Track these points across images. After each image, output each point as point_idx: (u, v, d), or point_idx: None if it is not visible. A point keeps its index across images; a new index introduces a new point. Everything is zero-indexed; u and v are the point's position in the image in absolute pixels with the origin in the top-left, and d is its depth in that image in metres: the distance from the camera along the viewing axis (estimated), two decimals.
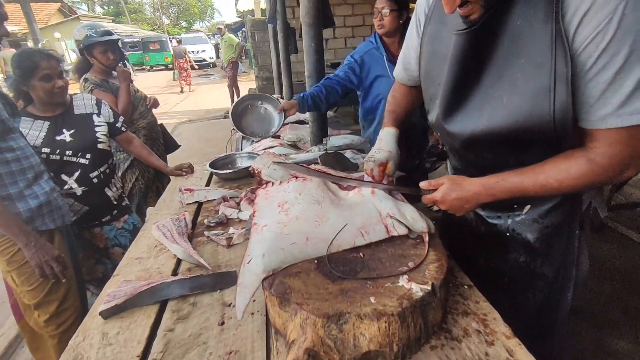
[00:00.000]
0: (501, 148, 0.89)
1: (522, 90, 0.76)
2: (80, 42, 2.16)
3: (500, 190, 0.84)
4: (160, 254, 1.18)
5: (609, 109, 0.68)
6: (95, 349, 0.82)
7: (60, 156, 1.56)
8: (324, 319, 0.68)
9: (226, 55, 8.36)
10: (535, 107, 0.76)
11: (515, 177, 0.82)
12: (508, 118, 0.80)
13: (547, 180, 0.78)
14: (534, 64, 0.74)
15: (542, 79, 0.73)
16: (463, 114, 0.90)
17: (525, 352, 0.70)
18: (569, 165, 0.76)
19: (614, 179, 0.75)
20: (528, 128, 0.79)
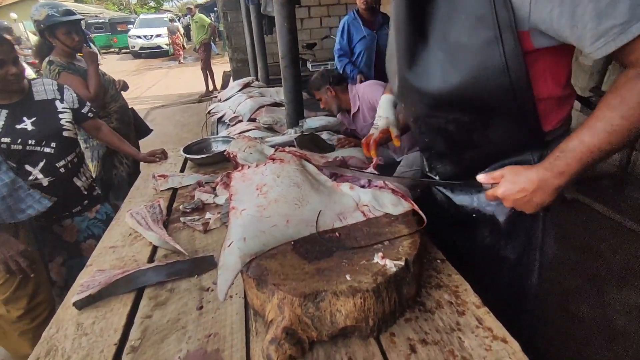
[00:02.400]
0: (462, 116, 0.85)
1: (469, 47, 0.74)
2: (40, 23, 2.03)
3: (568, 163, 0.70)
4: (135, 242, 1.16)
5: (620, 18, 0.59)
6: (70, 339, 0.80)
7: (22, 146, 1.48)
8: (301, 298, 0.69)
9: (197, 36, 8.04)
10: (486, 61, 0.73)
11: (573, 141, 0.70)
12: (462, 77, 0.77)
13: (611, 122, 0.65)
14: (475, 17, 0.72)
15: (487, 31, 0.70)
16: (417, 79, 0.86)
17: (493, 319, 0.74)
18: (621, 94, 0.64)
19: None
20: (484, 85, 0.75)
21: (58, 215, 1.64)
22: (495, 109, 0.80)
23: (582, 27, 0.63)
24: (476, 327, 0.72)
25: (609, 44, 0.62)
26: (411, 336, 0.72)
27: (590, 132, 0.67)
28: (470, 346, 0.68)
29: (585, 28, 0.62)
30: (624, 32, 0.59)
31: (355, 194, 0.99)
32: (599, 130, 0.66)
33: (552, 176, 0.71)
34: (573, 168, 0.70)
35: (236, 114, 2.68)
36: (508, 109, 0.78)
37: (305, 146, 1.62)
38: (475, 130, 0.86)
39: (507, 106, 0.78)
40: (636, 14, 0.58)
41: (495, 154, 0.89)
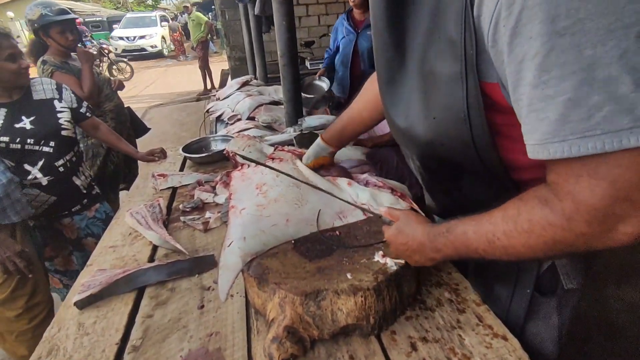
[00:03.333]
0: (429, 162, 0.74)
1: (438, 76, 0.58)
2: (34, 22, 2.02)
3: (445, 245, 0.62)
4: (135, 242, 1.15)
5: (545, 126, 0.43)
6: (72, 339, 0.80)
7: (21, 145, 1.48)
8: (302, 296, 0.69)
9: (194, 35, 8.03)
10: (449, 101, 0.57)
11: (461, 226, 0.59)
12: (427, 113, 0.63)
13: (494, 232, 0.53)
14: (448, 41, 0.54)
15: (455, 64, 0.54)
16: (390, 103, 0.75)
17: (494, 317, 0.74)
18: (519, 210, 0.50)
19: (594, 242, 0.45)
20: (446, 131, 0.61)
21: (57, 214, 1.64)
22: (461, 164, 0.65)
23: (519, 108, 0.47)
24: (476, 325, 0.73)
25: (530, 148, 0.47)
26: (412, 334, 0.73)
27: (475, 229, 0.56)
28: (470, 344, 0.69)
29: (522, 111, 0.47)
30: (542, 145, 0.44)
31: (354, 191, 1.00)
32: (483, 233, 0.55)
33: (429, 248, 0.65)
34: (448, 252, 0.62)
35: (235, 113, 2.67)
36: (475, 168, 0.63)
37: (305, 145, 1.61)
38: (445, 180, 0.75)
39: (473, 165, 0.63)
40: (561, 130, 0.42)
41: (470, 205, 0.65)
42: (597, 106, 0.39)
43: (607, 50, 0.37)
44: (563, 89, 0.40)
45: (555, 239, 0.47)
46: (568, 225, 0.45)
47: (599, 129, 0.39)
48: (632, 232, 0.42)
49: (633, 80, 0.37)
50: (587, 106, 0.39)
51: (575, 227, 0.44)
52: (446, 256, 0.64)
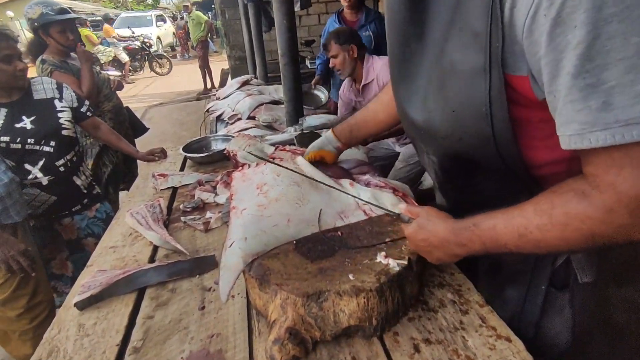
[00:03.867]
0: (443, 159, 0.73)
1: (459, 69, 0.58)
2: (34, 21, 2.01)
3: (470, 239, 0.60)
4: (135, 242, 1.15)
5: (585, 115, 0.43)
6: (72, 340, 0.80)
7: (21, 145, 1.47)
8: (303, 298, 0.69)
9: (194, 34, 8.02)
10: (470, 93, 0.56)
11: (489, 220, 0.58)
12: (444, 107, 0.62)
13: (527, 225, 0.52)
14: (471, 33, 0.54)
15: (478, 56, 0.53)
16: (404, 96, 0.74)
17: (497, 318, 0.74)
18: (553, 203, 0.50)
19: (635, 233, 0.45)
20: (465, 125, 0.60)
21: (58, 214, 1.64)
22: (478, 160, 0.64)
23: (555, 100, 0.47)
24: (480, 326, 0.72)
25: (566, 139, 0.46)
26: (415, 335, 0.72)
27: (505, 223, 0.56)
28: (474, 345, 0.68)
29: (557, 103, 0.46)
30: (581, 135, 0.44)
31: (355, 191, 0.99)
32: (514, 227, 0.54)
33: (454, 242, 0.63)
34: (475, 247, 0.61)
35: (235, 112, 2.67)
36: (492, 165, 0.62)
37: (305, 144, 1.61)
38: (460, 176, 0.74)
39: (491, 161, 0.62)
40: (604, 118, 0.41)
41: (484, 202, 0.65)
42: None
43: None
44: (607, 76, 0.40)
45: (594, 231, 0.46)
46: (609, 218, 0.44)
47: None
48: None
49: None
50: (633, 93, 0.39)
51: (617, 219, 0.44)
52: (471, 251, 0.62)
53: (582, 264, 0.72)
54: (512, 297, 0.78)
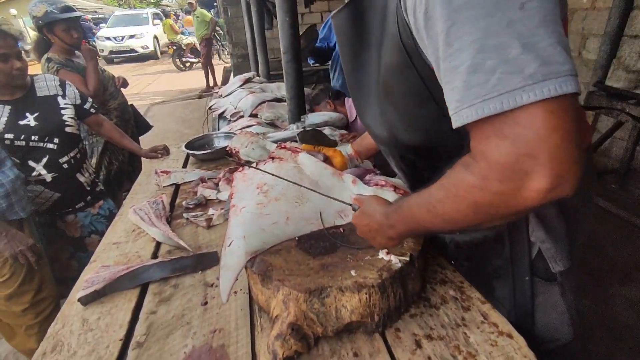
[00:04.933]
0: (407, 152, 0.79)
1: (392, 69, 0.64)
2: (39, 19, 2.01)
3: (397, 220, 0.64)
4: (138, 238, 1.16)
5: (455, 95, 0.47)
6: (76, 335, 0.80)
7: (25, 142, 1.48)
8: (306, 293, 0.69)
9: (199, 32, 8.01)
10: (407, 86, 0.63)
11: (407, 201, 0.62)
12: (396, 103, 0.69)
13: (430, 201, 0.56)
14: (391, 37, 0.60)
15: (400, 54, 0.59)
16: (366, 106, 0.81)
17: (499, 315, 0.74)
18: (448, 178, 0.53)
19: (511, 201, 0.46)
20: (416, 113, 0.66)
21: (61, 211, 1.65)
22: (436, 146, 0.69)
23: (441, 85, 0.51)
24: (481, 323, 0.72)
25: (452, 119, 0.49)
26: (416, 332, 0.72)
27: (418, 201, 0.59)
28: (475, 341, 0.68)
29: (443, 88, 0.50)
30: (457, 113, 0.47)
31: (357, 189, 0.99)
32: (423, 204, 0.57)
33: (386, 225, 0.67)
34: (401, 227, 0.64)
35: (237, 110, 2.66)
36: (453, 146, 0.63)
37: (308, 141, 1.61)
38: (425, 168, 0.77)
39: (451, 142, 0.64)
40: (467, 96, 0.45)
41: None
42: (492, 70, 0.43)
43: (496, 21, 0.42)
44: (463, 58, 0.44)
45: (477, 200, 0.49)
46: (484, 185, 0.47)
47: (495, 91, 0.42)
48: (539, 189, 0.43)
49: (520, 45, 0.41)
50: (484, 71, 0.43)
51: (490, 185, 0.46)
52: (401, 233, 0.66)
53: (552, 252, 0.73)
54: (503, 295, 0.80)
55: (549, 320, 0.78)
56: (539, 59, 0.41)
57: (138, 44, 13.36)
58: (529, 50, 0.41)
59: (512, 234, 0.74)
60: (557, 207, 0.72)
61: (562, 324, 0.78)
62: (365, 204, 0.74)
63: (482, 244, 0.79)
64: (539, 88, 0.41)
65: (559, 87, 0.40)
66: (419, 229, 0.61)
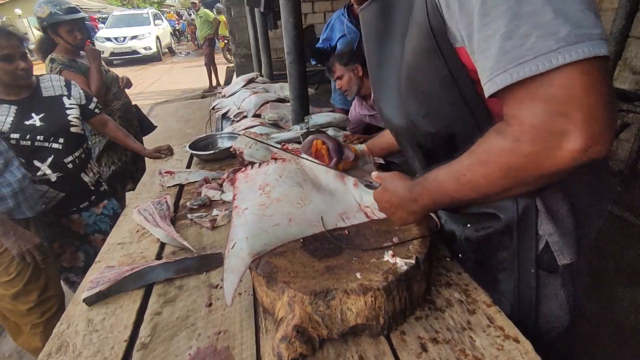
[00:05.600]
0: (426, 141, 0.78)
1: (417, 55, 0.65)
2: (43, 20, 2.02)
3: (421, 193, 0.66)
4: (142, 239, 1.16)
5: (489, 62, 0.48)
6: (81, 335, 0.81)
7: (31, 141, 1.49)
8: (311, 296, 0.69)
9: (202, 32, 8.03)
10: (432, 71, 0.64)
11: (434, 173, 0.64)
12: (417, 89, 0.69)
13: (460, 169, 0.58)
14: (417, 25, 0.61)
15: (426, 40, 0.60)
16: (387, 97, 0.82)
17: (505, 319, 0.73)
18: (479, 144, 0.55)
19: (543, 163, 0.47)
20: (436, 98, 0.66)
21: (66, 211, 1.65)
22: (458, 134, 0.70)
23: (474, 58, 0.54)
24: (487, 326, 0.72)
25: (485, 88, 0.51)
26: (422, 335, 0.72)
27: (446, 171, 0.61)
28: (481, 345, 0.68)
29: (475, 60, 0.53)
30: (492, 80, 0.49)
31: (358, 193, 0.99)
32: (452, 173, 0.59)
33: (409, 199, 0.69)
34: (425, 200, 0.67)
35: (241, 110, 2.67)
36: (472, 133, 0.64)
37: None
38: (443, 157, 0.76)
39: (469, 129, 0.65)
40: (501, 62, 0.46)
41: None
42: (526, 35, 0.44)
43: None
44: (498, 26, 0.46)
45: (508, 164, 0.50)
46: (517, 147, 0.48)
47: (531, 54, 0.44)
48: (574, 149, 0.44)
49: (553, 9, 0.43)
50: (519, 36, 0.45)
51: (523, 147, 0.48)
52: (424, 206, 0.68)
53: (560, 245, 0.74)
54: (507, 288, 0.80)
55: (550, 309, 0.79)
56: (571, 23, 0.42)
57: (140, 45, 12.72)
58: (562, 15, 0.42)
59: (521, 226, 0.74)
60: (568, 202, 0.72)
61: (561, 311, 0.80)
62: (386, 181, 0.76)
63: (491, 237, 0.79)
64: (573, 50, 0.42)
65: (592, 48, 0.42)
66: (444, 199, 0.63)
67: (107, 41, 12.35)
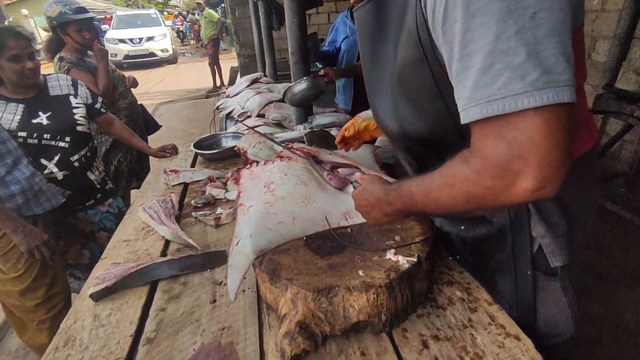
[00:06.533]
0: (415, 145, 0.81)
1: (407, 63, 0.66)
2: (53, 19, 2.05)
3: (395, 198, 0.68)
4: (148, 236, 1.17)
5: (465, 93, 0.50)
6: (88, 330, 0.82)
7: (38, 140, 1.51)
8: (314, 292, 0.70)
9: (206, 32, 8.06)
10: (419, 80, 0.65)
11: (408, 182, 0.66)
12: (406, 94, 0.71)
13: (430, 186, 0.60)
14: (408, 32, 0.62)
15: (415, 50, 0.62)
16: (380, 98, 0.83)
17: (506, 317, 0.74)
18: (448, 167, 0.57)
19: (500, 196, 0.50)
20: (423, 107, 0.69)
21: (72, 209, 1.67)
22: (443, 140, 0.72)
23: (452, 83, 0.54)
24: (488, 324, 0.73)
25: (461, 115, 0.51)
26: (423, 332, 0.73)
27: (418, 184, 0.63)
28: (483, 343, 0.69)
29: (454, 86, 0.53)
30: (465, 110, 0.50)
31: None
32: (423, 187, 0.61)
33: (384, 201, 0.71)
34: (398, 205, 0.68)
35: (244, 110, 2.68)
36: (456, 142, 0.65)
37: (315, 142, 1.62)
38: (429, 162, 0.77)
39: (454, 139, 0.67)
40: (474, 95, 0.48)
41: None
42: (498, 74, 0.45)
43: (507, 27, 0.44)
44: (476, 60, 0.47)
45: (470, 191, 0.53)
46: (478, 179, 0.51)
47: (500, 94, 0.45)
48: (526, 188, 0.47)
49: (526, 51, 0.44)
50: (492, 74, 0.46)
51: (483, 180, 0.50)
52: (396, 210, 0.69)
53: (551, 247, 0.76)
54: (505, 289, 0.82)
55: (550, 315, 0.80)
56: (541, 67, 0.44)
57: (157, 47, 11.69)
58: (534, 58, 0.44)
59: (515, 228, 0.76)
60: (559, 205, 0.74)
61: (564, 319, 0.80)
62: (366, 181, 0.79)
63: (486, 239, 0.81)
64: (539, 95, 0.43)
65: (557, 95, 0.43)
66: (414, 209, 0.65)
67: (120, 43, 11.42)
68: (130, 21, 12.28)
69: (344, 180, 1.04)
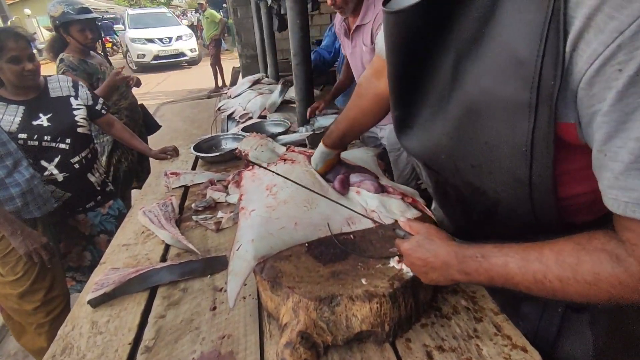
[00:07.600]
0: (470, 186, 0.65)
1: (493, 99, 0.50)
2: (56, 19, 2.05)
3: (477, 270, 0.57)
4: (147, 240, 1.16)
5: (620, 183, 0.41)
6: (85, 337, 0.81)
7: (38, 142, 1.50)
8: (316, 301, 0.68)
9: (208, 32, 8.07)
10: (507, 129, 0.50)
11: (501, 257, 0.54)
12: (477, 136, 0.55)
13: (545, 274, 0.49)
14: (510, 57, 0.46)
15: (521, 90, 0.46)
16: (415, 124, 0.67)
17: (512, 327, 0.72)
18: (580, 259, 0.47)
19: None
20: (499, 160, 0.54)
21: (72, 211, 1.66)
22: (504, 201, 0.60)
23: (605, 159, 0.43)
24: (494, 335, 0.71)
25: (620, 204, 0.43)
26: (427, 342, 0.71)
27: (520, 264, 0.52)
28: (488, 354, 0.67)
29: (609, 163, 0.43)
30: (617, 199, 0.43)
31: (362, 199, 0.98)
32: (530, 271, 0.51)
33: (456, 269, 0.60)
34: (480, 278, 0.57)
35: (246, 111, 2.67)
36: (520, 210, 0.58)
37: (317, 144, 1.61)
38: (474, 211, 0.69)
39: (520, 206, 0.58)
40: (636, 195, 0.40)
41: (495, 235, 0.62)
42: None
43: None
44: None
45: (623, 296, 0.45)
46: (634, 284, 0.44)
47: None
48: None
49: None
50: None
51: None
52: (473, 281, 0.60)
53: None
54: (528, 314, 0.76)
55: (572, 346, 0.73)
56: None
57: (187, 47, 11.18)
58: None
59: None
60: None
61: (583, 355, 0.73)
62: (422, 235, 0.67)
63: None
64: None
65: None
66: (507, 286, 0.55)
67: (149, 42, 10.77)
68: (145, 21, 11.60)
69: (347, 185, 1.02)
